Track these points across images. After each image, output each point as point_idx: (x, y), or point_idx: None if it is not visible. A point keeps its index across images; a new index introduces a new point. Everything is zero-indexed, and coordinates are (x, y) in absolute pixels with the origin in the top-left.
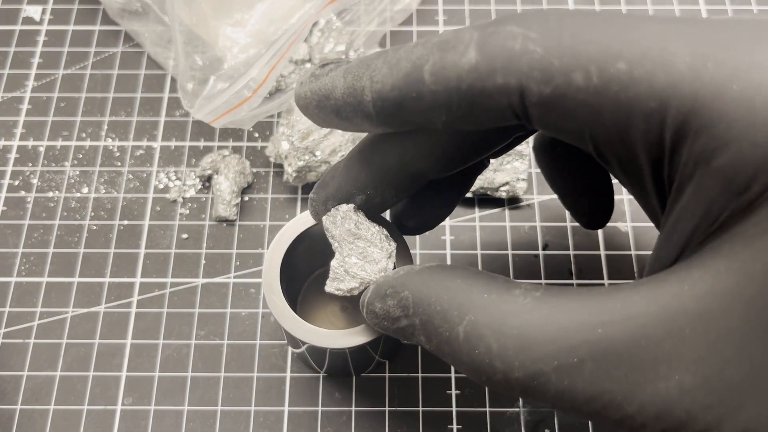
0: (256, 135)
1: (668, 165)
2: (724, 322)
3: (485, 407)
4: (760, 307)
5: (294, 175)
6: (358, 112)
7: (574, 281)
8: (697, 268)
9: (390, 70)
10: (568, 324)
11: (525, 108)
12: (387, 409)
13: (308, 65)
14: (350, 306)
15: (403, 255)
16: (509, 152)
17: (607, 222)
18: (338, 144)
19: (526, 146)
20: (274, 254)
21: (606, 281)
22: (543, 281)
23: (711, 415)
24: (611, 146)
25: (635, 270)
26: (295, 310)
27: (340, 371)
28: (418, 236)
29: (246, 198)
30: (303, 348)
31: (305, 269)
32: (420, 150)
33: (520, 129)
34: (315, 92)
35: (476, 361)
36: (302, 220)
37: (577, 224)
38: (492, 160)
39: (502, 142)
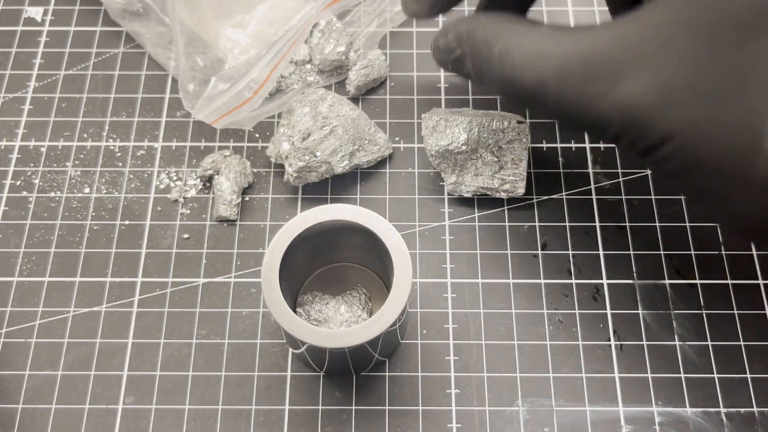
0: (257, 135)
1: None
2: (669, 39)
3: (485, 406)
4: (692, 27)
5: (294, 175)
6: None
7: (573, 281)
8: (647, 7)
9: None
10: (569, 44)
11: None
12: (387, 408)
13: (308, 66)
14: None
15: None
16: (509, 157)
17: None
18: (338, 144)
19: (525, 152)
20: (273, 254)
21: (605, 281)
22: (543, 281)
23: (658, 109)
24: None
25: (634, 269)
26: (294, 310)
27: (339, 371)
28: (418, 237)
29: (247, 198)
30: (303, 348)
31: (305, 269)
32: None
33: None
34: None
35: (505, 74)
36: (302, 220)
37: (576, 224)
38: (493, 163)
39: None
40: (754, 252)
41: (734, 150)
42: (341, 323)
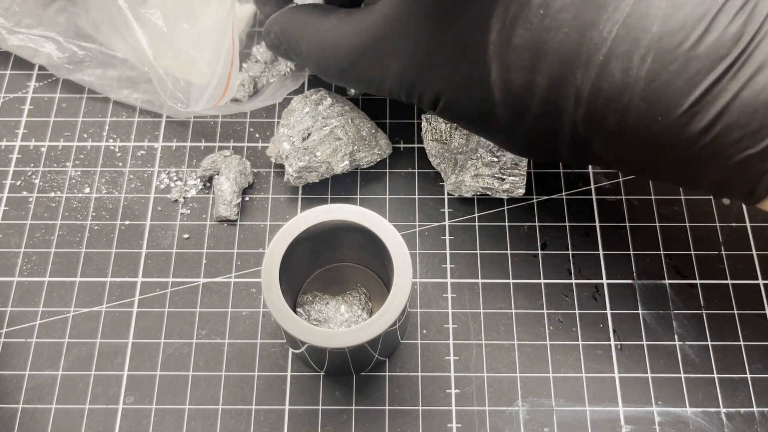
0: (257, 135)
1: None
2: (405, 20)
3: (485, 406)
4: (420, 17)
5: (294, 175)
6: None
7: (573, 281)
8: None
9: None
10: (351, 37)
11: None
12: (387, 407)
13: (279, 64)
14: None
15: None
16: (509, 157)
17: None
18: (338, 144)
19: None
20: (273, 254)
21: (605, 281)
22: (542, 281)
23: (418, 84)
24: None
25: (633, 269)
26: (294, 310)
27: (340, 371)
28: (418, 237)
29: (247, 198)
30: (303, 348)
31: (305, 269)
32: None
33: None
34: None
35: (312, 64)
36: (302, 220)
37: (576, 224)
38: (494, 163)
39: None
40: (754, 252)
41: (476, 101)
42: (341, 323)
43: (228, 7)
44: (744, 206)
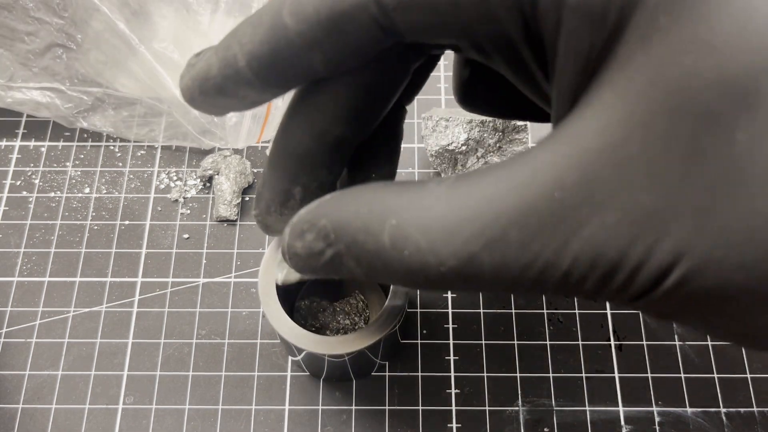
0: None
1: (535, 25)
2: (627, 151)
3: (485, 406)
4: (651, 127)
5: None
6: (238, 82)
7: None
8: (588, 108)
9: (254, 28)
10: (485, 199)
11: (388, 17)
12: (387, 407)
13: None
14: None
15: None
16: (509, 157)
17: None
18: None
19: None
20: (271, 257)
21: None
22: None
23: (640, 247)
24: (482, 30)
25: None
26: (292, 317)
27: (339, 378)
28: None
29: (246, 198)
30: (300, 357)
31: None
32: (327, 115)
33: (406, 50)
34: (194, 78)
35: (409, 264)
36: None
37: None
38: (494, 163)
39: (402, 76)
40: None
41: (757, 266)
42: (338, 330)
43: None
44: None
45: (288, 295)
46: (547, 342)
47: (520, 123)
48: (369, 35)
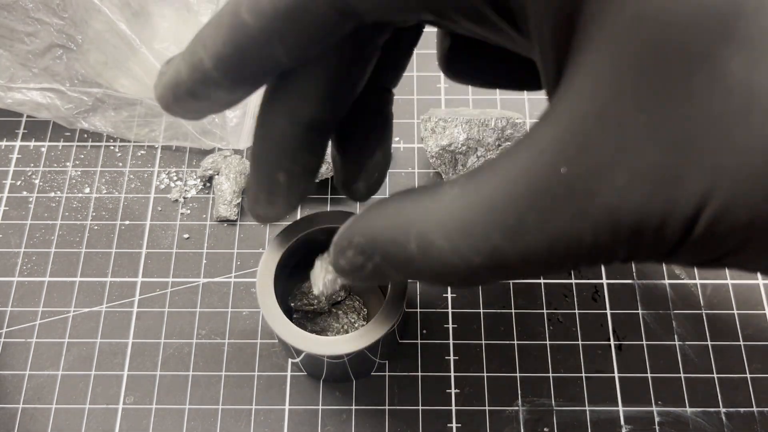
0: None
1: None
2: (621, 108)
3: (485, 406)
4: (640, 79)
5: None
6: (207, 84)
7: (573, 281)
8: (575, 75)
9: (216, 29)
10: (496, 189)
11: (344, 1)
12: (387, 407)
13: None
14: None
15: None
16: None
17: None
18: None
19: None
20: (269, 259)
21: (605, 281)
22: (542, 281)
23: (659, 202)
24: (442, 2)
25: (634, 270)
26: (290, 318)
27: (339, 378)
28: None
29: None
30: (299, 358)
31: (300, 276)
32: (299, 99)
33: (372, 32)
34: (166, 86)
35: (438, 267)
36: (295, 228)
37: None
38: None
39: (369, 53)
40: None
41: None
42: (337, 331)
43: None
44: None
45: (286, 297)
46: (547, 342)
47: (519, 121)
48: (328, 22)
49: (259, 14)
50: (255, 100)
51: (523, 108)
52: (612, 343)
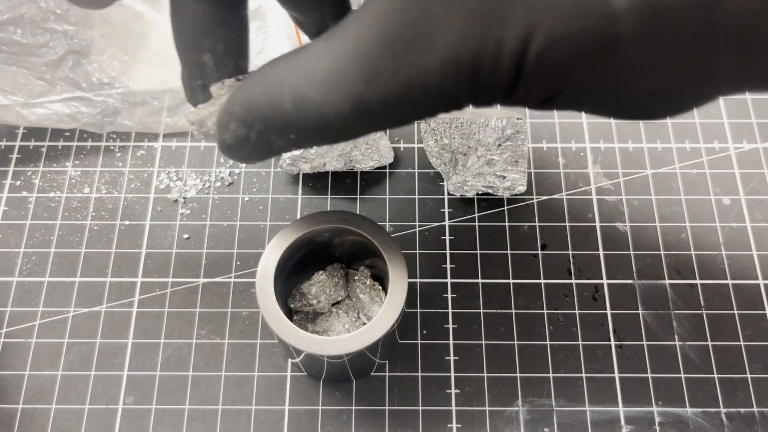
0: None
1: None
2: None
3: (485, 406)
4: None
5: (288, 161)
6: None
7: (573, 281)
8: None
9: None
10: (356, 39)
11: None
12: (387, 408)
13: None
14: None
15: None
16: (509, 155)
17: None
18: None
19: (525, 149)
20: (268, 259)
21: (605, 281)
22: (542, 281)
23: (491, 40)
24: None
25: (633, 269)
26: (291, 318)
27: (339, 378)
28: (418, 237)
29: (246, 198)
30: (299, 358)
31: (300, 276)
32: None
33: None
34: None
35: (314, 121)
36: (295, 228)
37: (576, 224)
38: (494, 162)
39: None
40: (754, 252)
41: (592, 23)
42: (337, 331)
43: None
44: (744, 206)
45: (286, 297)
46: (547, 342)
47: (519, 121)
48: None
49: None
50: None
51: (523, 108)
52: (612, 343)
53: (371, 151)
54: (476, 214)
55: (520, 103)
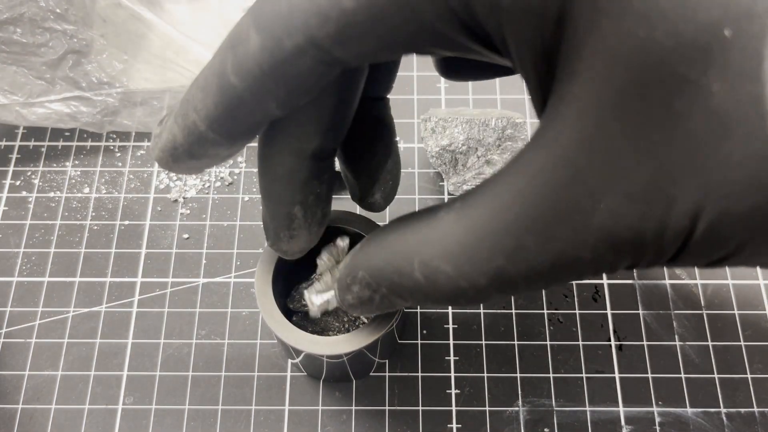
0: None
1: (478, 27)
2: (607, 133)
3: (485, 406)
4: (623, 104)
5: None
6: (205, 144)
7: (573, 281)
8: (560, 103)
9: (204, 93)
10: (493, 214)
11: (329, 54)
12: (387, 408)
13: None
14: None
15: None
16: (509, 155)
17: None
18: None
19: None
20: (267, 259)
21: (605, 281)
22: None
23: (653, 220)
24: (424, 43)
25: (634, 271)
26: (289, 319)
27: (339, 378)
28: None
29: (246, 198)
30: (298, 359)
31: (298, 277)
32: (298, 136)
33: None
34: (164, 149)
35: (445, 292)
36: None
37: None
38: (494, 162)
39: (357, 79)
40: None
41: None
42: (336, 331)
43: None
44: None
45: (285, 297)
46: (547, 342)
47: (519, 121)
48: (315, 73)
49: (246, 75)
50: None
51: (524, 108)
52: (612, 343)
53: None
54: None
55: (684, 267)
